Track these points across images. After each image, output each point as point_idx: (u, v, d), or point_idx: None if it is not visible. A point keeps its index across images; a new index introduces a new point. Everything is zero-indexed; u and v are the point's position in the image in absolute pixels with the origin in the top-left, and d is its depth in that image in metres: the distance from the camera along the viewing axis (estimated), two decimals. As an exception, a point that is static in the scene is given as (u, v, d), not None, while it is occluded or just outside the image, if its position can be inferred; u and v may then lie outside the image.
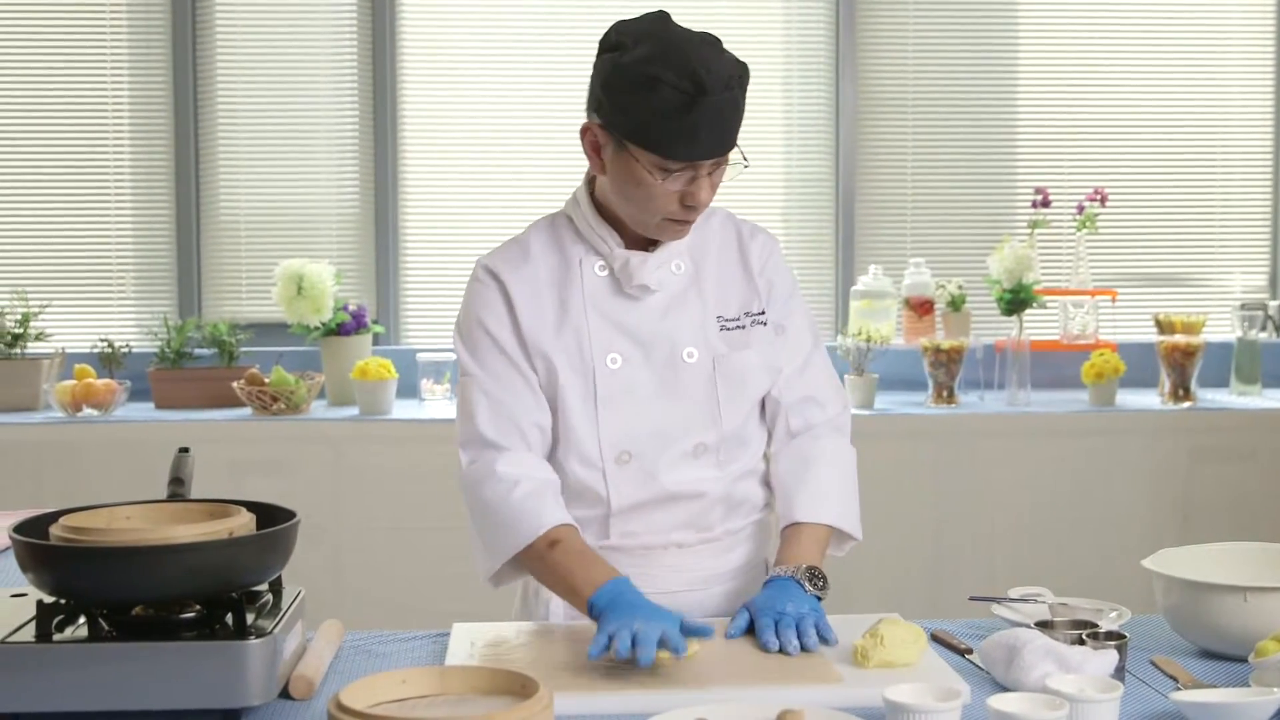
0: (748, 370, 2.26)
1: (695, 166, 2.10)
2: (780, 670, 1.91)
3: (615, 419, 2.21)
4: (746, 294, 2.30)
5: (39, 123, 4.84)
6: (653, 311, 2.24)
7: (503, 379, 2.23)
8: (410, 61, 4.91)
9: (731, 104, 2.07)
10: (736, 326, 2.27)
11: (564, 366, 2.21)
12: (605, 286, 2.24)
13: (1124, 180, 5.02)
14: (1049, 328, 4.91)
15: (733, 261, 2.31)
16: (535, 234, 2.30)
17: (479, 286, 2.27)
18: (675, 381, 2.23)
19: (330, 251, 4.87)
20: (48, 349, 4.60)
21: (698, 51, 2.06)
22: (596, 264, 2.25)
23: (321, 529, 4.20)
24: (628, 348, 2.22)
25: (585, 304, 2.23)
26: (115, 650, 1.72)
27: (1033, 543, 4.38)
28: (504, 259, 2.27)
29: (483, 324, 2.25)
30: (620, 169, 2.14)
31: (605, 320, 2.23)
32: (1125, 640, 1.91)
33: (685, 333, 2.24)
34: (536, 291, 2.24)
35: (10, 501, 3.81)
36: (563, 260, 2.26)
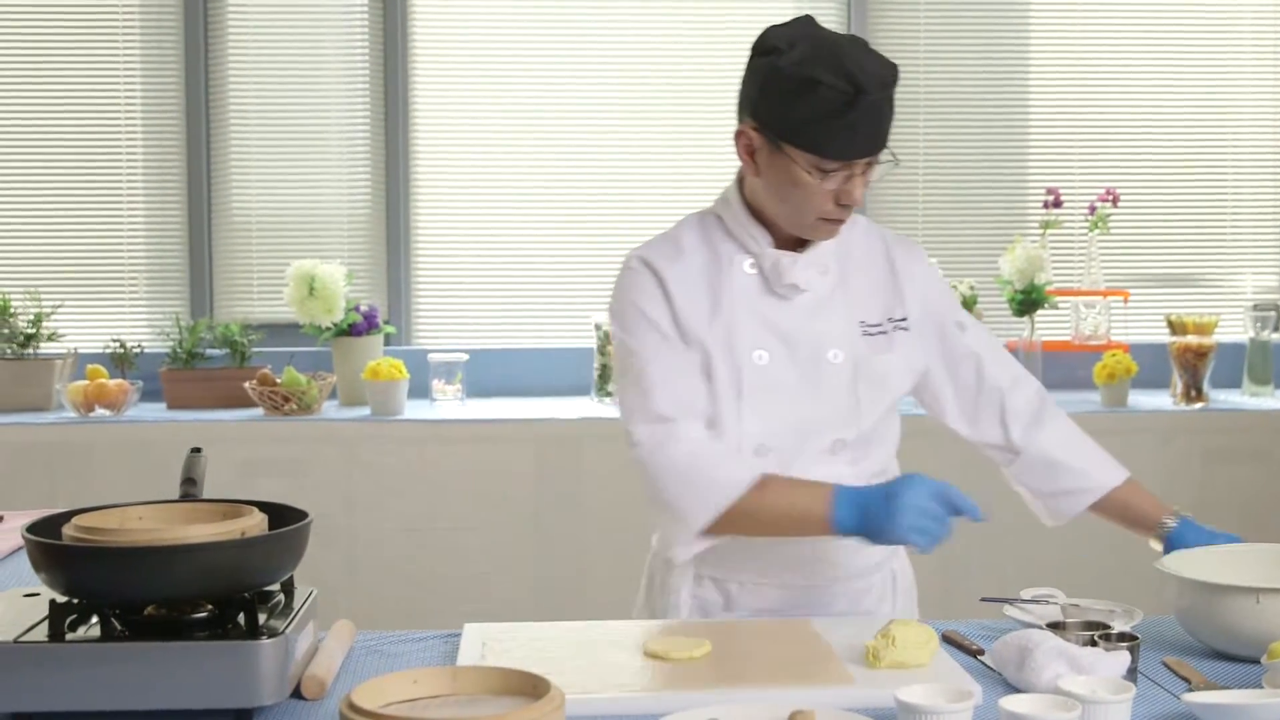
0: (889, 373, 2.31)
1: (850, 165, 2.16)
2: (791, 670, 1.91)
3: (757, 413, 2.24)
4: (890, 300, 2.34)
5: (51, 123, 4.85)
6: (800, 311, 2.28)
7: (668, 360, 2.25)
8: (422, 62, 4.92)
9: (888, 103, 2.15)
10: (879, 331, 2.31)
11: (716, 357, 2.25)
12: (755, 284, 2.28)
13: (1136, 181, 5.01)
14: (1061, 328, 4.90)
15: (878, 267, 2.36)
16: (686, 230, 2.35)
17: (634, 275, 2.30)
18: (818, 381, 2.27)
19: (342, 252, 4.87)
20: (60, 349, 4.61)
21: (853, 53, 2.13)
22: (746, 262, 2.29)
23: (333, 529, 4.21)
24: (775, 345, 2.26)
25: (735, 300, 2.27)
26: (127, 650, 1.73)
27: (1044, 543, 4.34)
28: (658, 252, 2.32)
29: (641, 309, 2.28)
30: (776, 170, 2.19)
31: (754, 317, 2.27)
32: (1137, 641, 1.91)
33: (831, 334, 2.28)
34: (690, 284, 2.27)
35: (23, 501, 3.81)
36: (713, 257, 2.30)
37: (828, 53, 2.12)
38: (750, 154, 2.23)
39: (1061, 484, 2.48)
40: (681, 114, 4.91)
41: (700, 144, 4.89)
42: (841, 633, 2.06)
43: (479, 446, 4.30)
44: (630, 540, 4.23)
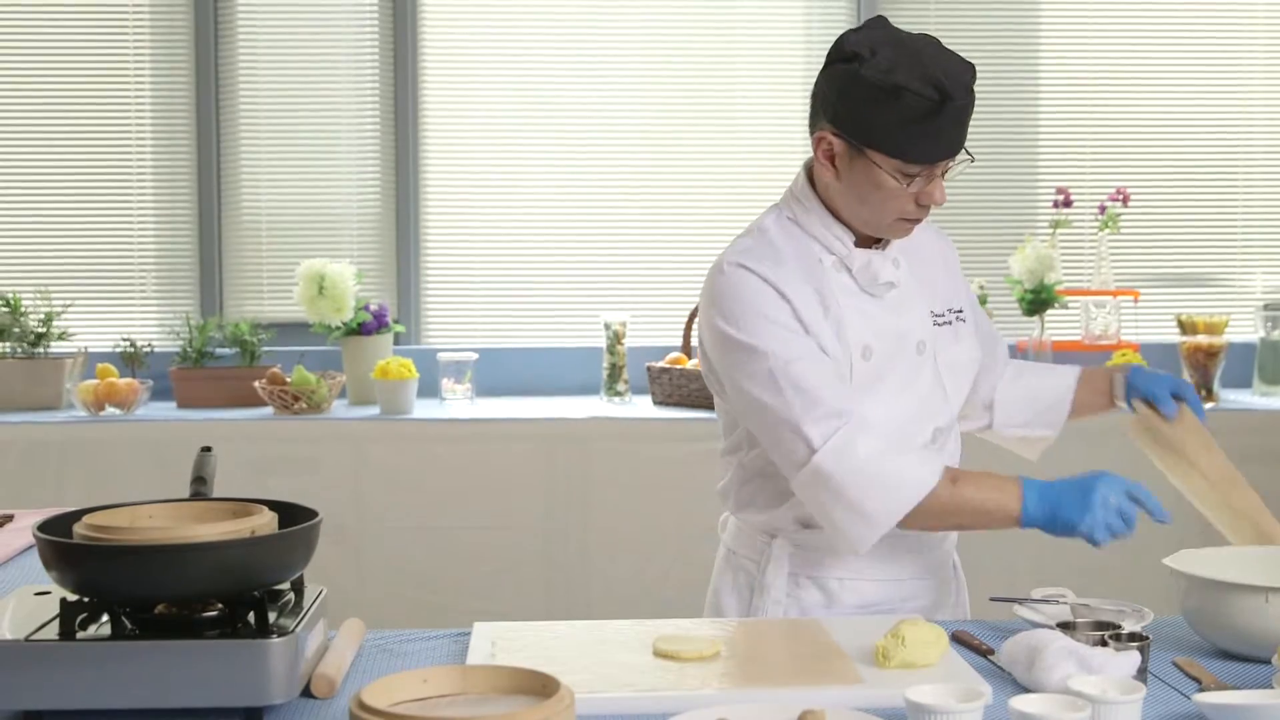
0: (961, 362, 2.40)
1: (933, 167, 2.20)
2: (801, 670, 1.91)
3: (868, 408, 2.24)
4: (948, 291, 2.43)
5: (62, 123, 4.86)
6: (889, 307, 2.33)
7: (815, 354, 2.24)
8: (431, 61, 4.92)
9: (971, 106, 2.19)
10: (945, 322, 2.39)
11: (830, 355, 2.27)
12: (848, 284, 2.32)
13: (1146, 180, 5.01)
14: (1071, 328, 4.89)
15: (935, 261, 2.43)
16: (773, 234, 2.33)
17: (743, 283, 2.26)
18: (912, 372, 2.33)
19: (351, 251, 4.88)
20: (70, 348, 4.62)
21: (936, 57, 2.17)
22: (834, 262, 2.32)
23: (343, 528, 4.21)
24: (875, 340, 2.30)
25: (839, 299, 2.30)
26: (138, 648, 1.73)
27: (1054, 543, 4.33)
28: (756, 257, 2.28)
29: (762, 312, 2.24)
30: (858, 174, 2.22)
31: (857, 314, 2.30)
32: (1147, 641, 1.90)
33: (917, 327, 2.35)
34: (798, 285, 2.27)
35: (33, 500, 3.83)
36: (805, 259, 2.31)
37: (911, 59, 2.16)
38: (830, 159, 2.25)
39: (1042, 401, 2.65)
40: (692, 115, 4.91)
41: (711, 145, 4.90)
42: (851, 632, 2.06)
43: (488, 446, 4.30)
44: (639, 538, 4.25)
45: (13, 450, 4.24)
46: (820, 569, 2.36)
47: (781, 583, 2.37)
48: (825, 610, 2.35)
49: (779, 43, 4.93)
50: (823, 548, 2.34)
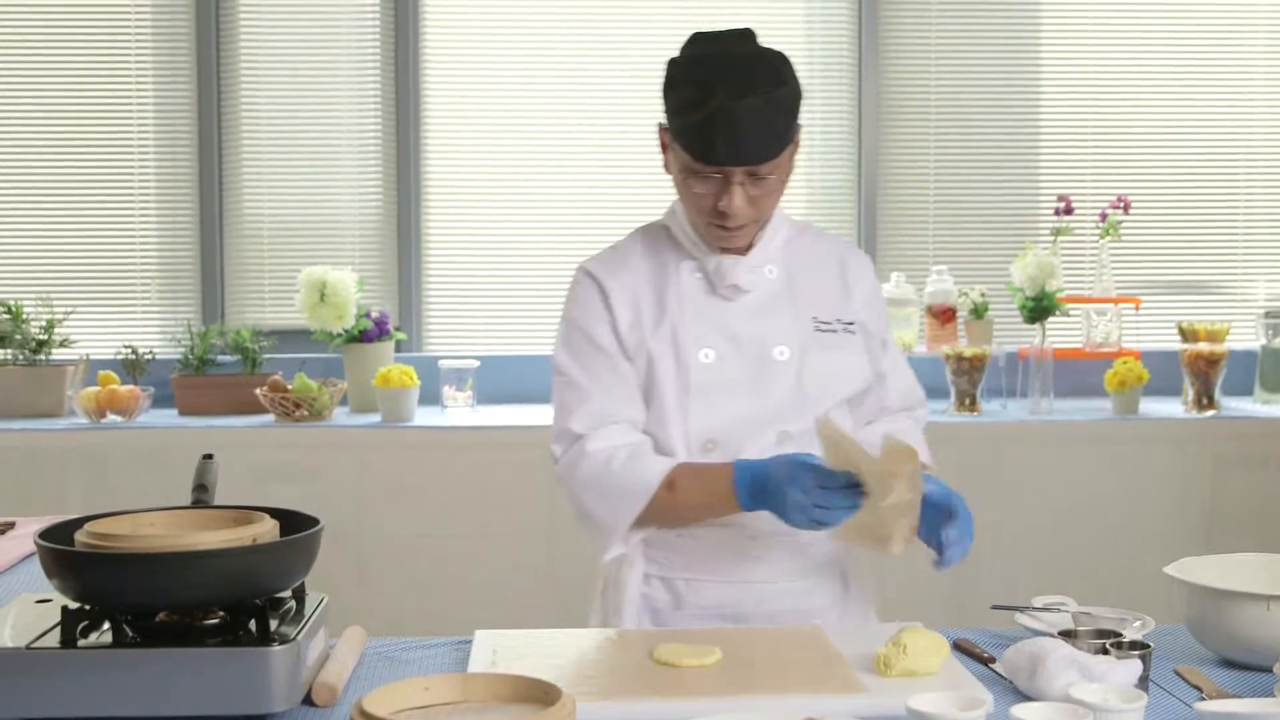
0: (837, 371, 2.36)
1: (725, 173, 2.21)
2: (802, 678, 1.91)
3: (704, 410, 2.30)
4: (838, 303, 2.40)
5: (63, 129, 4.87)
6: (745, 311, 2.34)
7: (599, 377, 2.32)
8: (433, 68, 4.93)
9: (747, 113, 2.17)
10: (829, 330, 2.36)
11: (661, 361, 2.31)
12: (700, 287, 2.36)
13: (1147, 188, 5.01)
14: (1072, 335, 4.90)
15: (829, 273, 2.42)
16: (633, 241, 2.45)
17: (579, 289, 2.39)
18: (765, 377, 2.32)
19: (353, 258, 4.89)
20: (72, 355, 4.62)
21: (728, 62, 2.21)
22: (692, 267, 2.36)
23: (344, 536, 4.21)
24: (720, 344, 2.32)
25: (681, 303, 2.33)
26: (139, 656, 1.73)
27: (1056, 551, 4.36)
28: (602, 263, 2.41)
29: (579, 324, 2.36)
30: (673, 168, 2.30)
31: (699, 318, 2.33)
32: (1149, 650, 1.90)
33: (776, 332, 2.34)
34: (635, 294, 2.36)
35: (35, 508, 3.82)
36: (660, 265, 2.38)
37: (706, 57, 2.22)
38: (664, 148, 2.33)
39: None
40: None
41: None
42: (852, 640, 2.06)
43: (490, 453, 4.30)
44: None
45: (14, 457, 4.24)
46: (668, 569, 2.36)
47: (635, 582, 2.37)
48: (675, 612, 2.35)
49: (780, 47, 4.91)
50: (671, 546, 2.34)
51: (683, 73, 2.24)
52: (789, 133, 2.24)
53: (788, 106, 2.22)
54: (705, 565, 2.34)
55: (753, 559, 2.33)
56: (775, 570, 2.35)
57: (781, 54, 2.28)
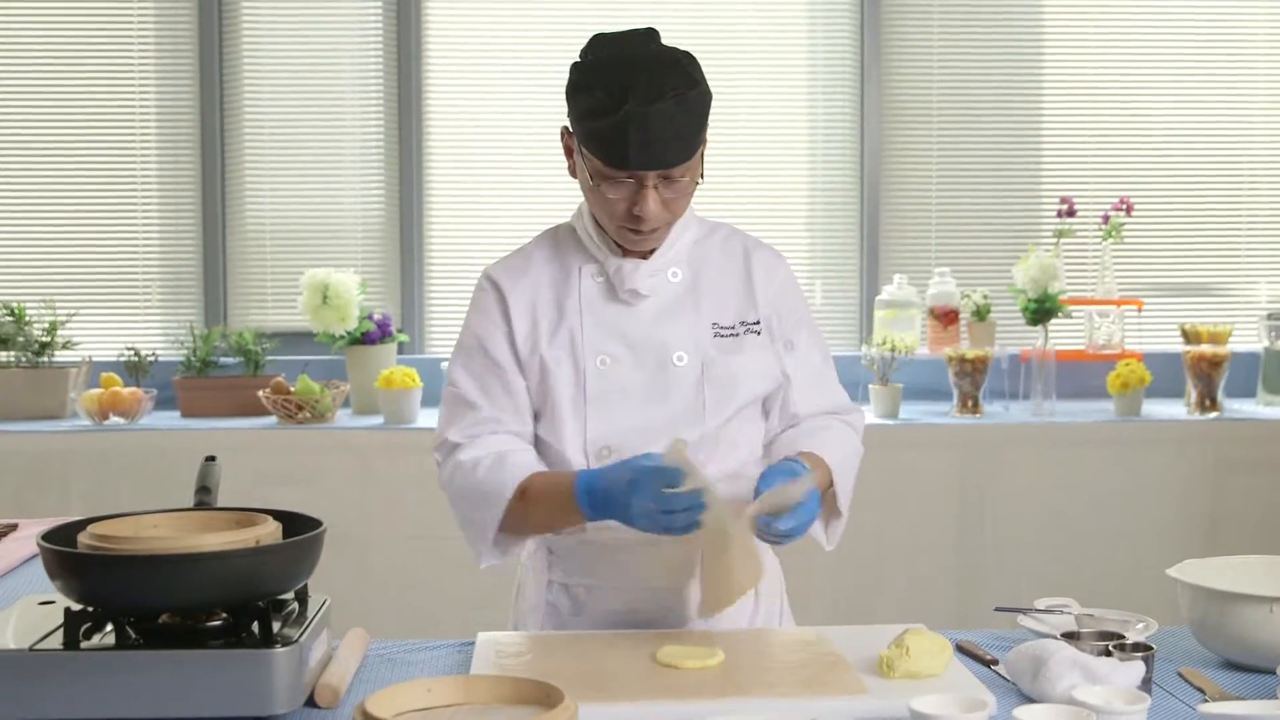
0: (738, 375, 2.29)
1: (638, 178, 2.16)
2: (804, 680, 1.91)
3: (600, 417, 2.26)
4: (743, 304, 2.34)
5: (66, 132, 4.87)
6: (645, 316, 2.30)
7: (488, 390, 2.30)
8: (435, 71, 4.93)
9: (660, 117, 2.11)
10: (731, 334, 2.31)
11: (557, 368, 2.27)
12: (600, 292, 2.31)
13: (1150, 190, 5.01)
14: (1074, 337, 4.89)
15: (734, 273, 2.36)
16: (539, 244, 2.39)
17: (479, 295, 2.36)
18: (664, 383, 2.27)
19: (355, 261, 4.89)
20: (75, 357, 4.63)
21: (638, 65, 2.15)
22: (593, 270, 2.32)
23: (346, 537, 4.20)
24: (618, 350, 2.28)
25: (581, 308, 2.30)
26: (142, 658, 1.73)
27: (1058, 553, 4.36)
28: (506, 268, 2.37)
29: (475, 331, 2.34)
30: (580, 172, 2.24)
31: (598, 324, 2.29)
32: (1152, 651, 1.90)
33: (676, 337, 2.29)
34: (534, 300, 2.31)
35: (38, 509, 3.83)
36: (563, 268, 2.34)
37: (611, 60, 2.17)
38: (569, 152, 2.27)
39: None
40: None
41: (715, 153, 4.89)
42: (855, 642, 2.06)
43: (492, 455, 4.29)
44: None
45: (17, 459, 4.24)
46: (570, 575, 2.33)
47: (539, 588, 2.36)
48: (576, 619, 2.31)
49: (781, 54, 4.93)
50: (573, 553, 2.31)
51: (590, 77, 2.18)
52: (701, 134, 2.19)
53: (699, 108, 2.17)
54: (605, 572, 2.29)
55: (656, 561, 2.26)
56: (670, 579, 2.28)
57: (689, 54, 2.22)
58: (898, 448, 4.31)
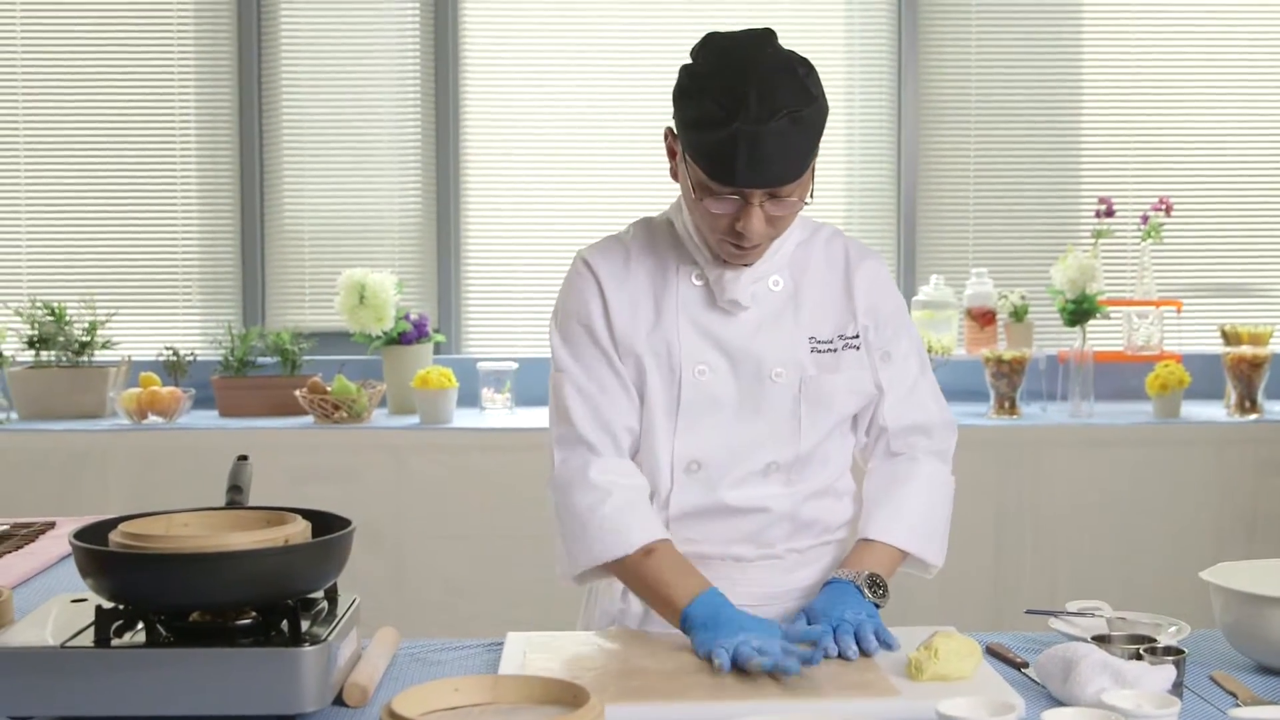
0: (835, 393, 2.23)
1: (743, 194, 2.05)
2: (834, 682, 1.90)
3: (692, 429, 2.20)
4: (843, 317, 2.25)
5: (106, 133, 4.91)
6: (745, 327, 2.21)
7: (598, 376, 2.22)
8: (472, 71, 4.94)
9: (775, 136, 2.00)
10: (829, 349, 2.23)
11: (652, 369, 2.21)
12: (699, 297, 2.22)
13: (1189, 189, 4.98)
14: (1113, 338, 4.86)
15: (835, 283, 2.26)
16: (636, 234, 2.30)
17: (576, 279, 2.28)
18: (760, 398, 2.21)
19: (392, 261, 4.91)
20: (114, 357, 4.66)
21: (753, 76, 2.02)
22: (693, 273, 2.23)
23: (382, 537, 4.23)
24: (716, 360, 2.20)
25: (679, 312, 2.22)
26: (171, 656, 1.74)
27: (1095, 556, 4.34)
28: (603, 254, 2.27)
29: (578, 317, 2.25)
30: (683, 179, 2.14)
31: (696, 330, 2.21)
32: (1183, 655, 1.89)
33: (775, 351, 2.21)
34: (633, 291, 2.23)
35: (76, 507, 3.86)
36: (660, 264, 2.25)
37: (729, 70, 2.04)
38: (672, 154, 2.18)
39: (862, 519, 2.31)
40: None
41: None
42: (884, 644, 2.05)
43: (527, 455, 4.29)
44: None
45: (57, 458, 4.28)
46: None
47: (612, 596, 2.31)
48: (646, 629, 2.26)
49: (819, 52, 4.89)
50: None
51: (700, 83, 2.05)
52: (814, 150, 2.07)
53: (815, 124, 2.05)
54: None
55: (730, 582, 2.21)
56: (753, 594, 2.23)
57: (807, 61, 2.09)
58: (934, 449, 4.29)
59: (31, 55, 4.90)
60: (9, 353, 4.58)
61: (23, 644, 1.76)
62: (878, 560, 2.21)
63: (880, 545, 2.22)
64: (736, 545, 2.24)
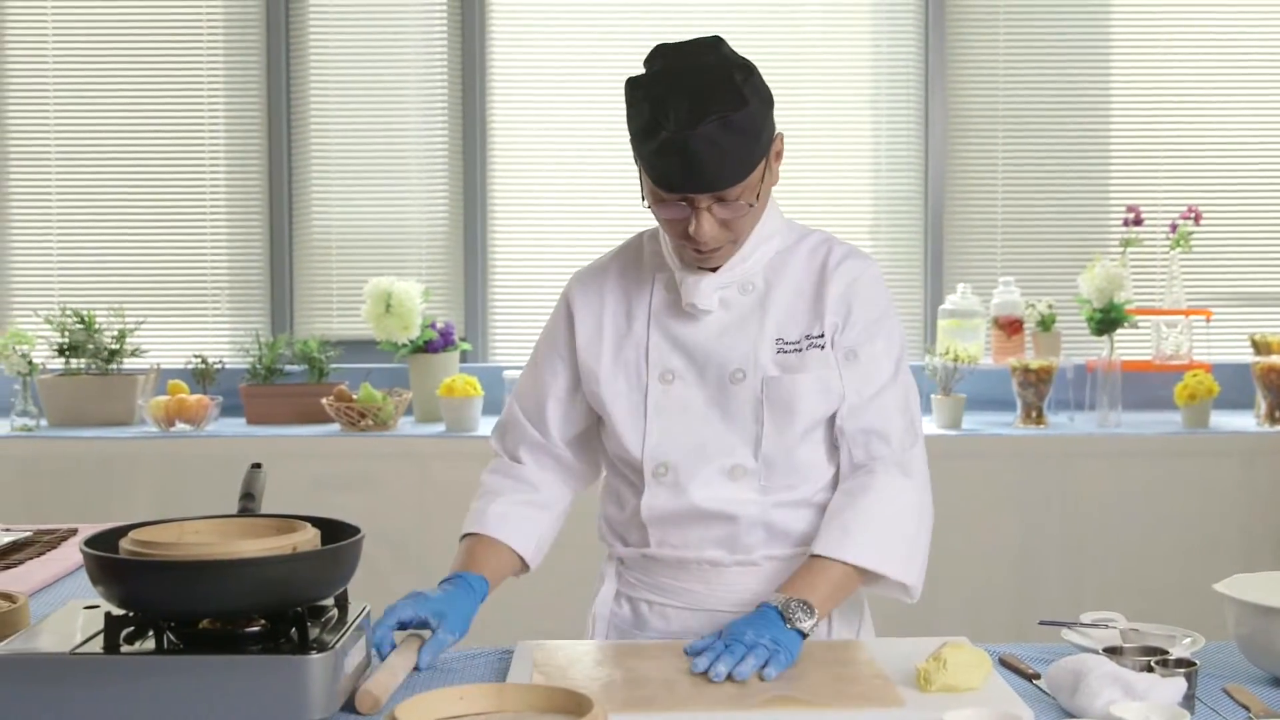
0: (799, 393, 2.20)
1: (689, 200, 2.10)
2: (842, 692, 1.89)
3: (660, 433, 2.24)
4: (811, 316, 2.23)
5: (135, 143, 4.95)
6: (709, 330, 2.24)
7: (546, 387, 2.36)
8: (500, 80, 4.95)
9: (702, 141, 2.03)
10: (794, 349, 2.22)
11: (618, 379, 2.27)
12: (669, 303, 2.27)
13: (1219, 198, 4.94)
14: (1141, 348, 4.84)
15: (809, 284, 2.25)
16: (621, 249, 2.39)
17: (558, 303, 2.39)
18: (725, 401, 2.23)
19: (419, 269, 4.92)
20: (143, 365, 4.70)
21: (684, 83, 2.06)
22: (666, 280, 2.29)
23: (407, 545, 4.24)
24: (682, 365, 2.25)
25: (649, 319, 2.27)
26: (178, 663, 1.75)
27: (1123, 566, 4.31)
28: (580, 276, 2.38)
29: (547, 333, 2.40)
30: (642, 187, 2.19)
31: (664, 336, 2.26)
32: (1195, 667, 1.87)
33: (737, 353, 2.22)
34: (600, 311, 2.31)
35: (104, 514, 3.89)
36: (638, 277, 2.32)
37: (664, 75, 2.10)
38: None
39: None
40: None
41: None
42: (892, 654, 2.05)
43: (552, 463, 4.30)
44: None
45: (85, 465, 4.31)
46: (636, 590, 2.33)
47: (606, 598, 2.38)
48: (637, 633, 2.31)
49: (846, 61, 4.91)
50: (641, 568, 2.32)
51: (638, 92, 2.10)
52: (755, 153, 2.08)
53: (748, 127, 2.05)
54: (671, 590, 2.28)
55: (708, 585, 2.25)
56: (731, 600, 2.23)
57: (749, 65, 2.11)
58: (960, 459, 4.28)
59: (62, 65, 4.94)
60: (39, 360, 4.61)
61: (33, 650, 1.78)
62: (819, 581, 2.11)
63: (822, 562, 2.13)
64: (711, 549, 2.25)
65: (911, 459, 2.24)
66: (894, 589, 2.22)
